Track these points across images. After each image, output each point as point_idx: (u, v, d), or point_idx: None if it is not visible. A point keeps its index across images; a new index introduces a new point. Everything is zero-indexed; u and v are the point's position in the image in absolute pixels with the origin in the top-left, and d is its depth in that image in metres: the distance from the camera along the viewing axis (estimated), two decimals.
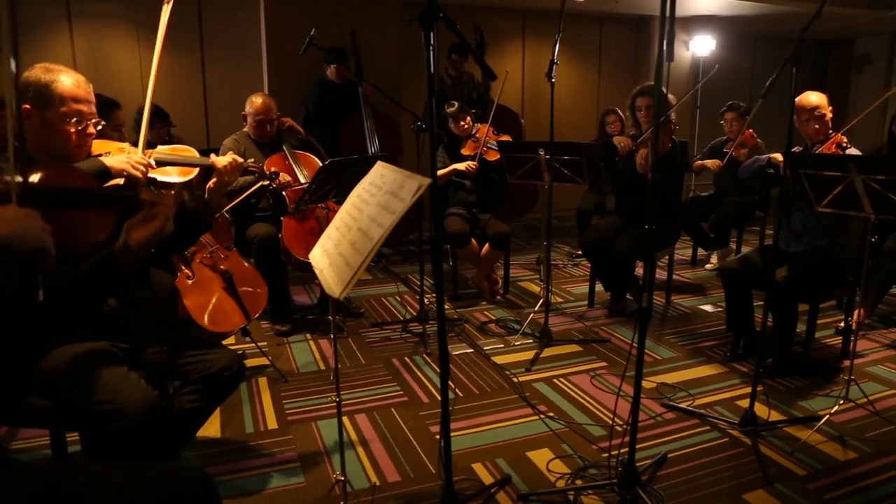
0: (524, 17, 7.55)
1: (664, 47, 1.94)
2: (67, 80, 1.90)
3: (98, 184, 1.66)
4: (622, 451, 2.34)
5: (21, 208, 1.12)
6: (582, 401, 3.03)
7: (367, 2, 5.99)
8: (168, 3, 2.15)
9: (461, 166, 4.37)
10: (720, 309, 4.30)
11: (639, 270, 4.46)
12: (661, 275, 4.67)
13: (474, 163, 4.37)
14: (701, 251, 5.64)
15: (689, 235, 5.48)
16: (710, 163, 5.02)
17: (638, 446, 2.26)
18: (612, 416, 2.81)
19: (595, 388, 3.17)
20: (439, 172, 4.37)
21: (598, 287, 4.44)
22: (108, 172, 2.03)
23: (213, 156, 2.30)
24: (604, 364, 3.45)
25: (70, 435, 2.17)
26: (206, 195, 2.22)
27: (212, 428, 2.75)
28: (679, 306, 4.44)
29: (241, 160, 2.24)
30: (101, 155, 2.06)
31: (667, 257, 4.44)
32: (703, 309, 4.38)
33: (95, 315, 2.00)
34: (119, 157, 2.09)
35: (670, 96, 3.64)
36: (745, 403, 2.81)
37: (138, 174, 2.07)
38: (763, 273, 3.26)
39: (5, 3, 1.16)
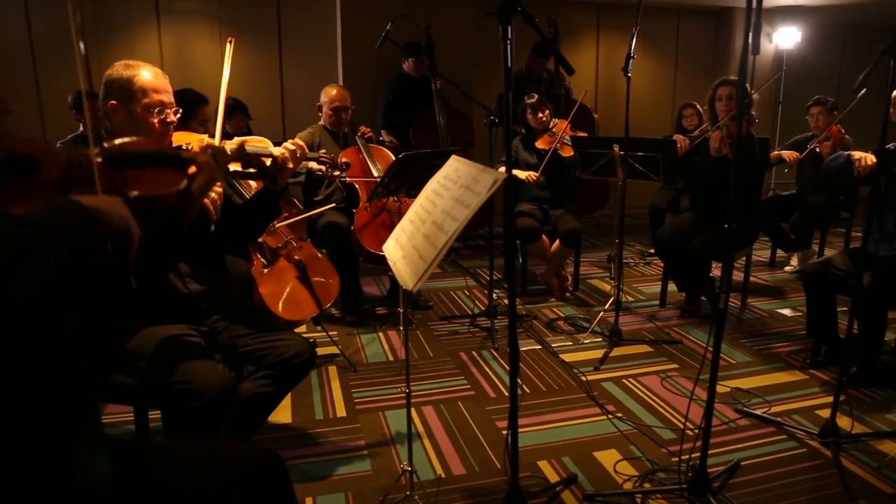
0: (599, 10, 7.41)
1: (749, 39, 1.86)
2: (147, 74, 2.00)
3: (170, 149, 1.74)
4: (693, 456, 2.27)
5: (111, 196, 1.18)
6: (651, 402, 2.96)
7: None
8: (230, 42, 2.24)
9: (521, 175, 4.34)
10: (800, 313, 4.12)
11: (714, 271, 4.32)
12: (737, 276, 4.52)
13: (535, 174, 4.33)
14: (780, 253, 5.42)
15: (768, 236, 5.27)
16: (786, 154, 4.76)
17: (709, 452, 2.20)
18: (683, 419, 2.73)
19: (665, 390, 3.09)
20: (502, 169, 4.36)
21: (671, 287, 4.33)
22: None
23: (271, 146, 2.35)
24: (675, 366, 3.36)
25: (152, 413, 2.27)
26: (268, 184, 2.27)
27: (283, 413, 2.83)
28: (756, 309, 4.28)
29: (301, 143, 2.27)
30: (180, 146, 2.14)
31: (744, 258, 4.29)
32: (781, 313, 4.21)
33: (178, 299, 2.09)
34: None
35: (755, 95, 3.51)
36: (825, 413, 2.69)
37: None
38: (849, 277, 3.10)
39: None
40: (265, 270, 3.05)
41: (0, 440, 1.02)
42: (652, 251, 5.46)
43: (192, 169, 1.58)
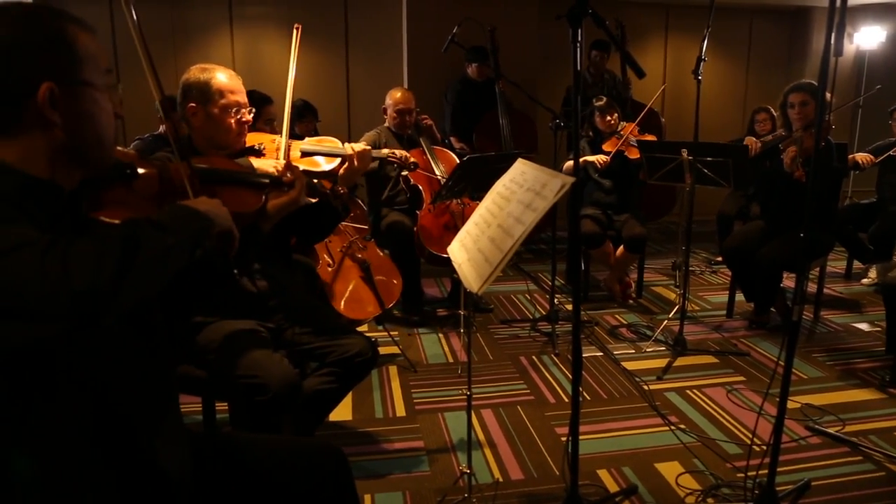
0: (668, 12, 7.26)
1: (832, 41, 1.79)
2: (222, 76, 2.08)
3: (252, 169, 1.80)
4: (760, 472, 2.20)
5: (210, 198, 1.24)
6: (716, 415, 2.88)
7: (507, 0, 6.00)
8: (297, 28, 2.27)
9: (592, 158, 4.27)
10: (878, 329, 3.93)
11: (785, 282, 4.17)
12: (809, 287, 4.34)
13: (607, 158, 4.26)
14: (857, 264, 5.18)
15: (845, 246, 5.04)
16: (860, 157, 4.50)
17: (778, 469, 2.12)
18: (749, 434, 2.64)
19: (731, 402, 3.00)
20: (569, 164, 4.32)
21: (739, 297, 4.20)
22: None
23: (346, 144, 2.40)
24: (742, 378, 3.26)
25: (218, 405, 2.35)
26: (337, 182, 2.32)
27: (343, 411, 2.88)
28: (829, 322, 4.10)
29: (369, 148, 2.32)
30: (254, 146, 2.21)
31: (818, 269, 4.12)
32: (857, 327, 4.03)
33: (247, 296, 2.16)
34: (267, 161, 2.22)
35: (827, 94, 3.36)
36: None
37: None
38: None
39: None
40: (330, 269, 3.11)
41: (87, 431, 1.07)
42: (719, 259, 5.31)
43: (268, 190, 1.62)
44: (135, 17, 1.34)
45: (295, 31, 2.23)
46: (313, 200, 2.14)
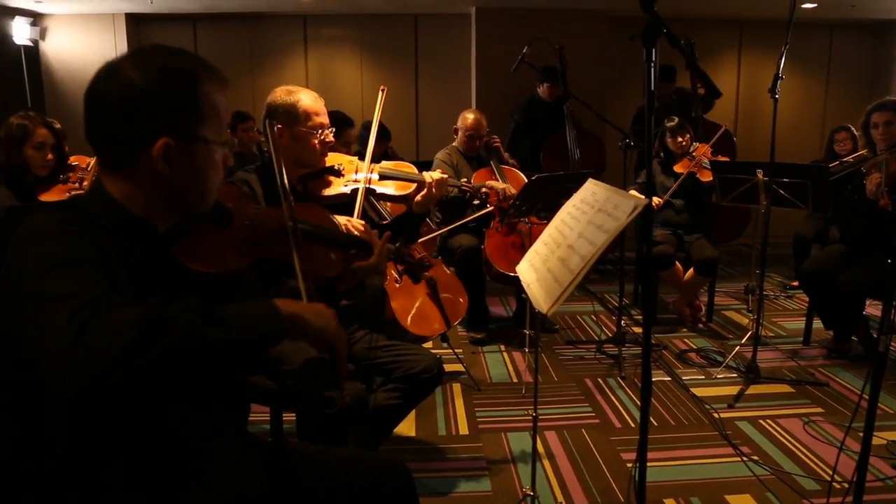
0: (741, 28, 7.08)
1: None
2: (307, 98, 2.14)
3: (338, 227, 1.81)
4: None
5: (327, 308, 1.18)
6: (792, 448, 2.75)
7: (576, 19, 5.99)
8: (382, 90, 2.32)
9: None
10: None
11: (868, 309, 3.97)
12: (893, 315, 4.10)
13: (660, 201, 4.19)
14: None
15: None
16: None
17: None
18: (829, 469, 2.52)
19: (809, 435, 2.86)
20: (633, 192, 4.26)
21: (816, 323, 4.02)
22: None
23: (424, 172, 2.44)
24: (820, 410, 3.11)
25: (285, 416, 2.39)
26: (413, 207, 2.36)
27: (407, 426, 2.90)
28: None
29: (447, 177, 2.35)
30: (333, 167, 2.26)
31: None
32: None
33: None
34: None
35: None
36: None
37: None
38: None
39: None
40: (397, 285, 3.15)
41: (149, 449, 1.09)
42: (795, 284, 5.10)
43: (354, 251, 1.63)
44: (275, 129, 1.39)
45: (381, 93, 2.31)
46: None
